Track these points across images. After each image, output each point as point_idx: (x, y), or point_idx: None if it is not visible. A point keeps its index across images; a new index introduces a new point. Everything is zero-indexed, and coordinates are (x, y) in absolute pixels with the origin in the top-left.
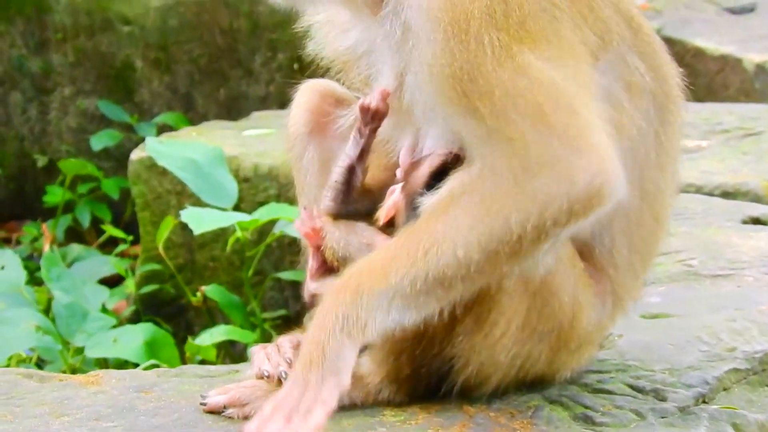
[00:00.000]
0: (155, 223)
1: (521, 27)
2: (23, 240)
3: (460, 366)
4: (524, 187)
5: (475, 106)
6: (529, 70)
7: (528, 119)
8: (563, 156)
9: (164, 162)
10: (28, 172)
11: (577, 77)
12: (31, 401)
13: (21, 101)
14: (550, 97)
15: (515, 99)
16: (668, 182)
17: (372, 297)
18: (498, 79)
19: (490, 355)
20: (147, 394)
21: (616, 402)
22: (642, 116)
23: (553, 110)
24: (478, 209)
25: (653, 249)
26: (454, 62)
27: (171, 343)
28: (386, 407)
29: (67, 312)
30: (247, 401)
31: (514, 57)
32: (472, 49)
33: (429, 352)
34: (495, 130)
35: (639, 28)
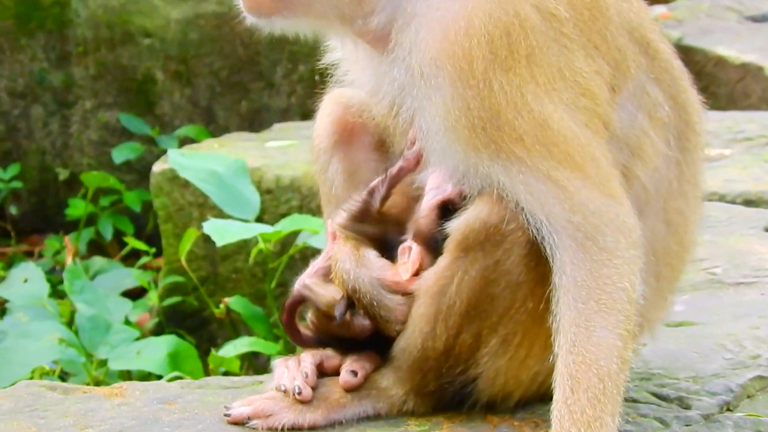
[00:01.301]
0: (178, 235)
1: (530, 62)
2: (46, 253)
3: (485, 385)
4: (605, 257)
5: (510, 150)
6: (550, 122)
7: (567, 169)
8: (611, 206)
9: (186, 174)
10: (50, 185)
11: (591, 122)
12: (55, 413)
13: (42, 115)
14: (576, 149)
15: (548, 147)
16: (692, 209)
17: None
18: (522, 129)
19: (514, 375)
20: (171, 406)
21: (641, 410)
22: (663, 145)
23: (584, 161)
24: (597, 306)
25: (680, 273)
26: (470, 111)
27: (194, 355)
28: (410, 417)
29: (90, 324)
30: (271, 412)
31: (530, 105)
32: (485, 95)
33: (454, 370)
34: (541, 173)
35: (656, 54)
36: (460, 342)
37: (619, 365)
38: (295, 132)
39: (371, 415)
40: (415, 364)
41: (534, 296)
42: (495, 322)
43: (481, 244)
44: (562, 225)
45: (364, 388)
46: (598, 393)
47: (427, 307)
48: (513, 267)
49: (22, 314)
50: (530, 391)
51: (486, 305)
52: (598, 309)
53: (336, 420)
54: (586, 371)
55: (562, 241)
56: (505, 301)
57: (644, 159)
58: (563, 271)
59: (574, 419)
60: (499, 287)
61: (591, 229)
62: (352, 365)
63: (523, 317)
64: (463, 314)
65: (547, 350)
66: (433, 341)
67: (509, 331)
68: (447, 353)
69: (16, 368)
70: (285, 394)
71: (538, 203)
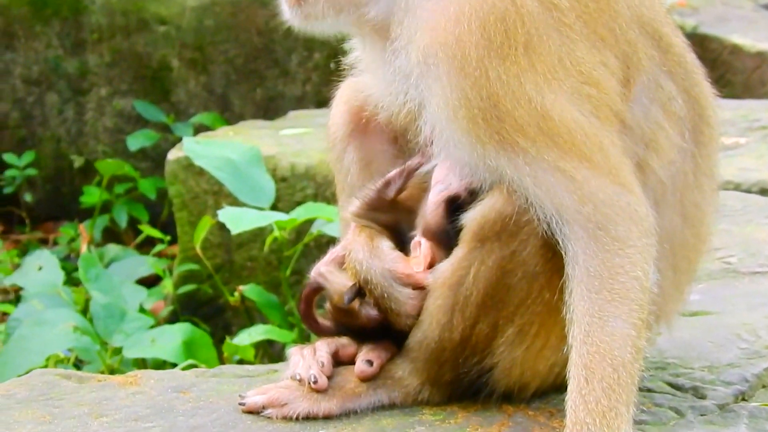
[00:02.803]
0: (192, 223)
1: (527, 50)
2: (60, 241)
3: (501, 375)
4: (617, 246)
5: (514, 141)
6: (551, 111)
7: (574, 159)
8: (622, 195)
9: (201, 162)
10: (65, 173)
11: (598, 110)
12: (69, 402)
13: (57, 102)
14: (583, 138)
15: (552, 137)
16: (708, 202)
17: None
18: (523, 119)
19: (531, 365)
20: (185, 395)
21: (656, 400)
22: (679, 137)
23: (591, 151)
24: (610, 295)
25: (696, 265)
26: (469, 101)
27: (209, 343)
28: (425, 407)
29: (105, 312)
30: (286, 401)
31: (528, 95)
32: (482, 84)
33: (470, 361)
34: (547, 163)
35: (668, 47)
36: (477, 332)
37: (633, 354)
38: (310, 120)
39: (386, 405)
40: (432, 355)
41: (550, 286)
42: (511, 312)
43: (497, 234)
44: (572, 216)
45: (380, 377)
46: (612, 383)
47: (444, 299)
48: (529, 257)
49: (37, 302)
50: (547, 381)
51: (502, 295)
52: (611, 298)
53: (351, 409)
54: (601, 361)
55: (573, 232)
56: (522, 291)
57: (660, 152)
58: (575, 261)
59: (588, 409)
60: (516, 277)
61: (602, 219)
62: (368, 354)
63: (539, 308)
64: (479, 305)
65: (563, 341)
66: (449, 332)
67: (525, 321)
68: (463, 344)
69: (31, 356)
70: (300, 383)
71: (546, 195)
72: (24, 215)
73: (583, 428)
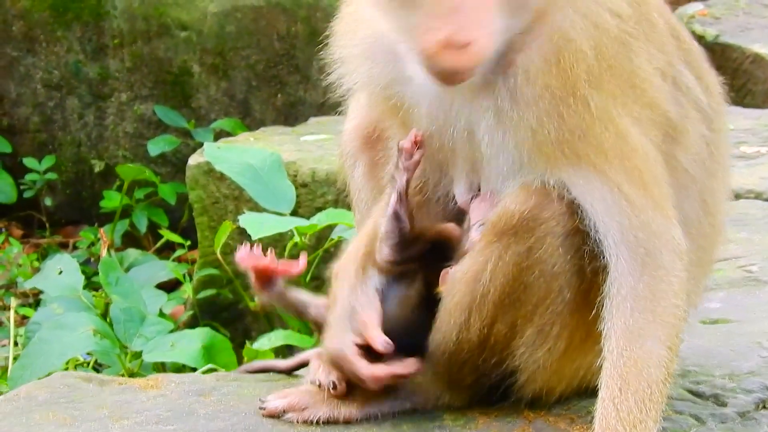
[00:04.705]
0: (213, 228)
1: (611, 74)
2: (80, 245)
3: (526, 379)
4: (662, 274)
5: (591, 162)
6: (628, 136)
7: (635, 186)
8: (669, 228)
9: (222, 167)
10: (85, 177)
11: (654, 135)
12: (90, 404)
13: (78, 107)
14: (645, 167)
15: (623, 161)
16: (721, 190)
17: None
18: (607, 143)
19: (556, 369)
20: (206, 398)
21: (676, 407)
22: (701, 126)
23: (650, 179)
24: (652, 317)
25: (713, 257)
26: (563, 126)
27: (229, 348)
28: (446, 412)
29: (125, 316)
30: (306, 406)
31: (614, 120)
32: (579, 112)
33: (490, 363)
34: (615, 185)
35: (679, 35)
36: (495, 333)
37: (665, 375)
38: (331, 126)
39: (407, 409)
40: (451, 357)
41: (571, 287)
42: (530, 311)
43: (514, 229)
44: (626, 238)
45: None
46: (645, 397)
47: (461, 296)
48: (547, 256)
49: (57, 305)
50: (572, 386)
51: (520, 294)
52: (653, 320)
53: (371, 414)
54: (636, 375)
55: (623, 253)
56: (540, 290)
57: (686, 143)
58: (621, 280)
59: (620, 418)
60: (533, 275)
61: (652, 248)
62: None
63: (559, 308)
64: (497, 303)
65: (588, 343)
66: (467, 332)
67: (545, 321)
68: (482, 345)
69: (51, 359)
70: (320, 388)
71: (606, 213)
72: (44, 219)
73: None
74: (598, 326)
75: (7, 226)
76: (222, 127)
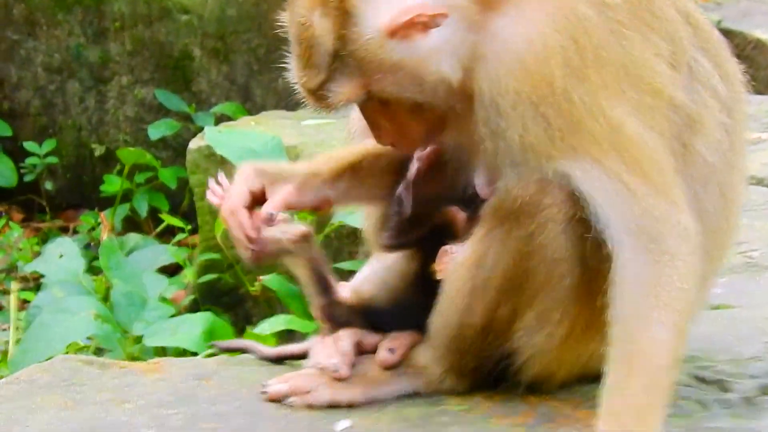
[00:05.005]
0: (214, 212)
1: (597, 65)
2: (81, 229)
3: (524, 364)
4: (667, 259)
5: (587, 152)
6: (623, 127)
7: (635, 175)
8: (673, 213)
9: (223, 151)
10: (86, 161)
11: (656, 122)
12: (92, 388)
13: (79, 90)
14: (645, 155)
15: (621, 152)
16: (739, 181)
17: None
18: (600, 134)
19: (556, 355)
20: (208, 382)
21: (680, 393)
22: (721, 115)
23: (650, 168)
24: (656, 301)
25: (727, 251)
26: (550, 126)
27: (230, 333)
28: (449, 396)
29: (126, 300)
30: (309, 389)
31: (604, 111)
32: (565, 109)
33: (492, 348)
34: (614, 174)
35: (697, 24)
36: (498, 317)
37: (671, 362)
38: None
39: (410, 393)
40: (453, 342)
41: (573, 274)
42: (531, 296)
43: (515, 214)
44: (627, 226)
45: (403, 365)
46: (651, 383)
47: (463, 281)
48: (548, 242)
49: (58, 289)
50: (573, 373)
51: (521, 279)
52: (657, 304)
53: (374, 397)
54: (643, 361)
55: (625, 241)
56: (541, 276)
57: (705, 133)
58: (625, 267)
59: (626, 403)
60: (534, 261)
61: (655, 234)
62: (391, 343)
63: (560, 294)
64: (498, 288)
65: (590, 332)
66: (469, 317)
67: (546, 307)
68: (485, 329)
69: (52, 343)
70: (322, 371)
71: (607, 203)
72: (44, 203)
73: (618, 419)
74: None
75: (7, 210)
76: (223, 111)
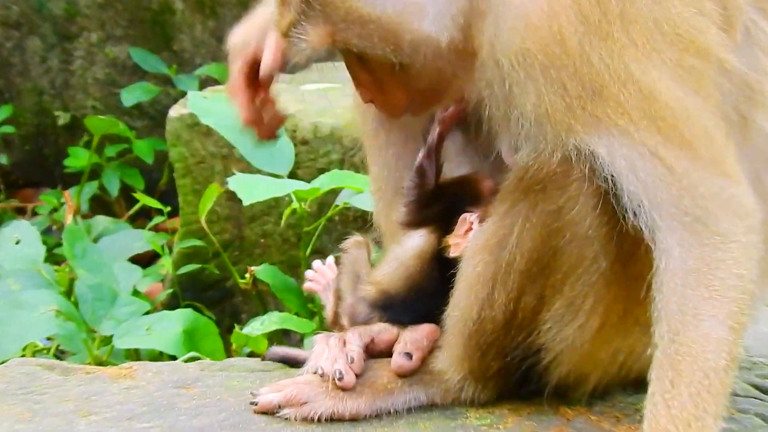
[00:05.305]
0: (197, 191)
1: (624, 21)
2: (41, 210)
3: (553, 362)
4: (718, 241)
5: (614, 123)
6: (656, 92)
7: (675, 146)
8: (725, 188)
9: (209, 120)
10: (48, 131)
11: (700, 85)
12: (53, 397)
13: (40, 48)
14: (686, 123)
15: (655, 121)
16: None
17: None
18: (629, 102)
19: (588, 350)
20: (188, 391)
21: (740, 405)
22: None
23: (694, 137)
24: (708, 292)
25: None
26: (567, 92)
27: (214, 333)
28: (469, 407)
29: (93, 295)
30: (306, 399)
31: (634, 75)
32: (584, 72)
33: (517, 344)
34: (647, 149)
35: None
36: (523, 307)
37: (728, 362)
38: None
39: (424, 404)
40: (472, 339)
41: (607, 255)
42: (559, 281)
43: (541, 185)
44: (667, 209)
45: (416, 370)
46: (701, 389)
47: (483, 265)
48: (579, 218)
49: (13, 281)
50: (609, 373)
51: (549, 260)
52: (709, 296)
53: (382, 409)
54: (691, 364)
55: (667, 224)
56: (572, 257)
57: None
58: (669, 253)
59: (671, 416)
60: (564, 239)
61: (702, 213)
62: (407, 346)
63: (593, 278)
64: (523, 272)
65: (628, 321)
66: (490, 308)
67: (577, 293)
68: (508, 322)
69: (6, 344)
70: (323, 378)
71: (640, 182)
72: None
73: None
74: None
75: None
76: (209, 73)
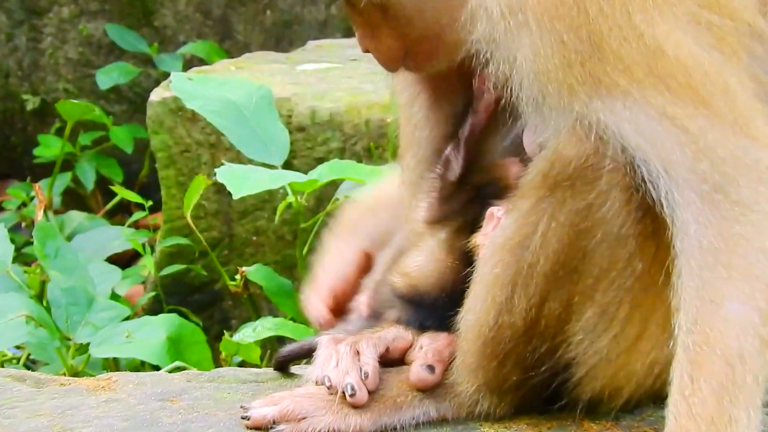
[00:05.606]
0: (182, 184)
1: None
2: (8, 206)
3: (585, 377)
4: (738, 212)
5: (614, 82)
6: (665, 46)
7: (688, 104)
8: (749, 150)
9: (195, 105)
10: (15, 117)
11: (722, 41)
12: (24, 411)
13: (6, 25)
14: (702, 80)
15: (664, 79)
16: None
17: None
18: (631, 58)
19: (624, 362)
20: (174, 404)
21: None
22: None
23: (711, 95)
24: (727, 272)
25: None
26: (564, 46)
27: (202, 341)
28: (484, 423)
29: (67, 299)
30: (305, 414)
31: (638, 29)
32: (580, 24)
33: (540, 355)
34: (654, 109)
35: None
36: (546, 314)
37: (756, 346)
38: (336, 52)
39: (434, 419)
40: (488, 347)
41: (643, 256)
42: (590, 286)
43: (569, 179)
44: (682, 175)
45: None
46: (724, 380)
47: (503, 267)
48: (612, 215)
49: None
50: (644, 386)
51: (578, 263)
52: (728, 276)
53: (388, 425)
54: (710, 354)
55: (683, 196)
56: (603, 259)
57: None
58: (685, 232)
59: (692, 413)
60: (594, 240)
61: (721, 180)
62: (429, 357)
63: (628, 282)
64: (548, 276)
65: (668, 330)
66: (510, 314)
67: (610, 299)
68: (529, 331)
69: None
70: (330, 390)
71: (651, 147)
72: None
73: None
74: None
75: None
76: (194, 52)
